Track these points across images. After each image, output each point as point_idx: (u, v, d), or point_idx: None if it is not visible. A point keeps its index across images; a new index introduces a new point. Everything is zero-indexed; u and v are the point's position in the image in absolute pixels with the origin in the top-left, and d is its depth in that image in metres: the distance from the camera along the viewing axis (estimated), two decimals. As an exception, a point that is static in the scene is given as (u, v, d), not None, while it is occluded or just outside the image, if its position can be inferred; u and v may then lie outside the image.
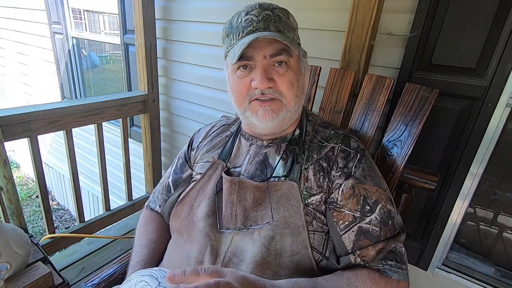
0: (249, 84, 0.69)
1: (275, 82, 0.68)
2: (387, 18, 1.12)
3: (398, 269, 0.64)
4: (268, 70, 0.68)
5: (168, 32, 1.89)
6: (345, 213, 0.67)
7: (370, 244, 0.65)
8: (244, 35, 0.67)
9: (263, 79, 0.66)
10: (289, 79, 0.69)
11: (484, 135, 1.02)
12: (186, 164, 0.90)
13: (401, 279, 0.63)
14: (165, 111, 2.12)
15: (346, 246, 0.67)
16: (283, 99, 0.69)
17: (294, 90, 0.70)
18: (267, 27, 0.66)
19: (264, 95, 0.69)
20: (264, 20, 0.66)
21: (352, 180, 0.68)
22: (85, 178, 3.22)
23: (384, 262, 0.64)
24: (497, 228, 1.17)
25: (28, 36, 3.42)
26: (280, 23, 0.68)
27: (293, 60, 0.69)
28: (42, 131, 1.44)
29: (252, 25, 0.66)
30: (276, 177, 0.73)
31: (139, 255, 0.78)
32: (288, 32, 0.69)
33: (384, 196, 0.69)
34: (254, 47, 0.66)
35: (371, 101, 0.99)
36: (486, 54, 0.97)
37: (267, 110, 0.69)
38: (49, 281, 1.07)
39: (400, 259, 0.65)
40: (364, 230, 0.66)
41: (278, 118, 0.70)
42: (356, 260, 0.65)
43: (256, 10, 0.67)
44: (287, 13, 0.71)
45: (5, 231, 1.00)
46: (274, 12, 0.68)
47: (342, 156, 0.71)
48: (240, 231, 0.71)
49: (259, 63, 0.67)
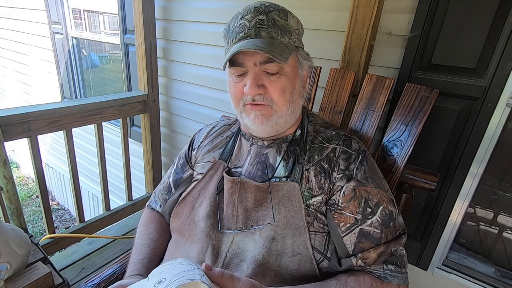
0: (242, 89, 0.69)
1: (266, 88, 0.68)
2: (387, 18, 1.12)
3: (398, 274, 0.64)
4: (259, 77, 0.67)
5: (168, 32, 1.89)
6: (346, 216, 0.67)
7: (371, 247, 0.65)
8: (237, 41, 0.67)
9: (253, 86, 0.66)
10: (281, 86, 0.68)
11: (484, 135, 1.02)
12: (187, 164, 0.91)
13: (401, 283, 0.64)
14: (165, 111, 2.12)
15: (348, 248, 0.67)
16: (273, 106, 0.69)
17: (286, 96, 0.69)
18: (258, 34, 0.65)
19: (255, 101, 0.69)
20: (256, 26, 0.65)
21: (354, 182, 0.68)
22: (85, 178, 3.22)
23: (384, 266, 0.64)
24: (497, 228, 1.17)
25: (28, 36, 3.42)
26: (273, 28, 0.65)
27: (287, 65, 0.68)
28: (42, 131, 1.44)
29: (243, 31, 0.66)
30: (277, 177, 0.73)
31: (140, 253, 0.78)
32: (283, 36, 0.67)
33: (386, 198, 0.69)
34: (245, 53, 0.66)
35: (371, 101, 0.99)
36: (486, 54, 0.97)
37: (257, 114, 0.70)
38: (49, 281, 1.07)
39: (400, 263, 0.65)
40: (365, 232, 0.66)
41: (269, 123, 0.70)
42: (358, 263, 0.65)
43: (250, 14, 0.66)
44: (286, 14, 0.68)
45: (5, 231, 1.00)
46: (269, 16, 0.65)
47: (343, 158, 0.71)
48: (241, 232, 0.71)
49: (251, 69, 0.67)
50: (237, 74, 0.69)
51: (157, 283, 0.43)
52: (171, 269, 0.46)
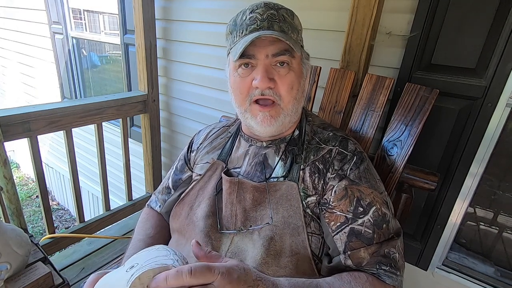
0: (250, 83, 0.68)
1: (276, 83, 0.67)
2: (387, 18, 1.12)
3: (392, 275, 0.62)
4: (270, 70, 0.67)
5: (168, 32, 1.89)
6: (336, 214, 0.67)
7: (362, 246, 0.63)
8: (248, 33, 0.66)
9: (264, 78, 0.65)
10: (289, 81, 0.68)
11: (484, 135, 1.01)
12: (186, 166, 0.91)
13: (395, 284, 0.62)
14: (165, 111, 2.12)
15: (338, 247, 0.66)
16: (281, 103, 0.69)
17: (293, 92, 0.69)
18: (271, 26, 0.66)
19: (264, 96, 0.68)
20: (269, 19, 0.66)
21: (346, 181, 0.68)
22: (85, 178, 3.22)
23: (378, 266, 0.62)
24: (497, 228, 1.17)
25: (28, 36, 3.42)
26: (284, 23, 0.67)
27: (295, 61, 0.69)
28: (42, 131, 1.44)
29: (256, 23, 0.66)
30: (275, 177, 0.73)
31: (134, 248, 0.78)
32: (292, 33, 0.69)
33: (380, 199, 0.67)
34: (257, 45, 0.65)
35: (371, 101, 0.99)
36: (486, 54, 0.97)
37: (266, 116, 0.69)
38: (49, 281, 1.06)
39: (394, 265, 0.63)
40: (356, 231, 0.64)
41: (277, 123, 0.70)
42: (347, 262, 0.63)
43: (261, 8, 0.67)
44: (292, 14, 0.71)
45: (5, 231, 1.00)
46: (279, 12, 0.67)
47: (338, 159, 0.71)
48: (240, 232, 0.71)
49: (261, 62, 0.67)
50: (245, 67, 0.69)
51: (129, 268, 0.43)
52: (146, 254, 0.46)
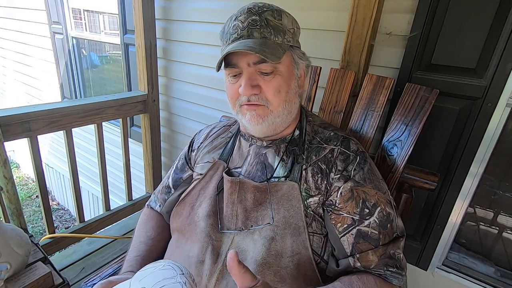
0: (238, 89, 0.69)
1: (261, 88, 0.68)
2: (387, 18, 1.12)
3: (398, 275, 0.65)
4: (254, 77, 0.67)
5: (168, 32, 1.89)
6: (343, 216, 0.67)
7: (369, 248, 0.65)
8: (230, 42, 0.67)
9: (247, 86, 0.66)
10: (275, 85, 0.68)
11: (484, 135, 1.01)
12: (186, 165, 0.91)
13: (401, 285, 0.64)
14: (165, 111, 2.12)
15: (345, 249, 0.67)
16: (269, 105, 0.69)
17: (282, 95, 0.69)
18: (251, 34, 0.65)
19: (250, 102, 0.69)
20: (249, 27, 0.65)
21: (351, 183, 0.68)
22: (85, 178, 3.22)
23: (385, 268, 0.64)
24: (497, 228, 1.17)
25: (28, 36, 3.42)
26: (266, 28, 0.66)
27: (282, 65, 0.68)
28: (42, 131, 1.44)
29: (236, 32, 0.66)
30: (276, 177, 0.73)
31: (136, 250, 0.79)
32: (276, 36, 0.67)
33: (384, 199, 0.69)
34: (238, 54, 0.66)
35: (371, 101, 0.99)
36: (486, 54, 0.97)
37: (253, 114, 0.70)
38: (49, 281, 1.06)
39: (399, 265, 0.65)
40: (363, 233, 0.66)
41: (265, 123, 0.70)
42: (356, 264, 0.65)
43: (243, 15, 0.66)
44: (280, 14, 0.68)
45: (5, 231, 1.00)
46: (262, 17, 0.65)
47: (341, 159, 0.71)
48: (241, 232, 0.71)
49: (245, 70, 0.67)
50: (232, 74, 0.70)
51: None
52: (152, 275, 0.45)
